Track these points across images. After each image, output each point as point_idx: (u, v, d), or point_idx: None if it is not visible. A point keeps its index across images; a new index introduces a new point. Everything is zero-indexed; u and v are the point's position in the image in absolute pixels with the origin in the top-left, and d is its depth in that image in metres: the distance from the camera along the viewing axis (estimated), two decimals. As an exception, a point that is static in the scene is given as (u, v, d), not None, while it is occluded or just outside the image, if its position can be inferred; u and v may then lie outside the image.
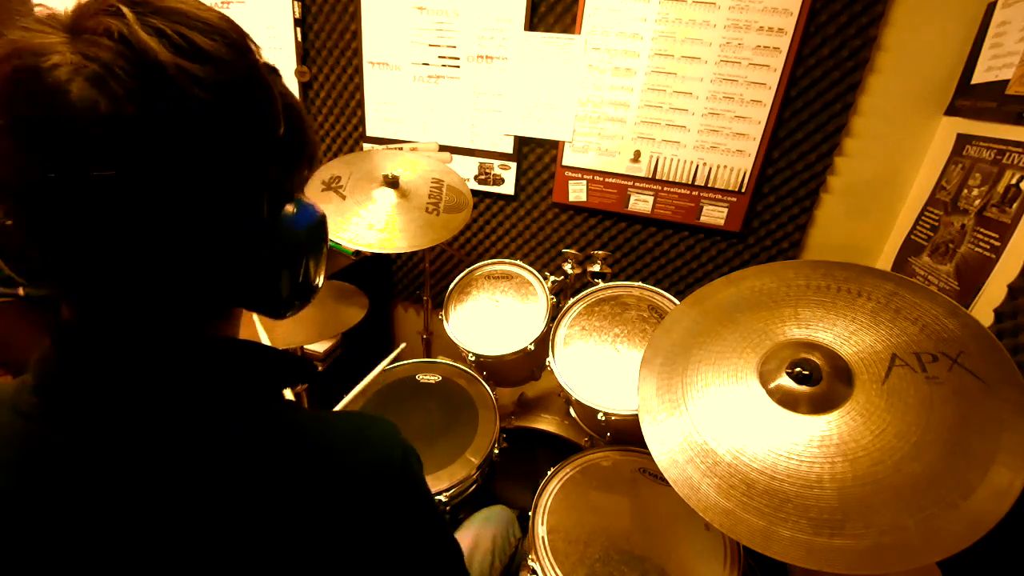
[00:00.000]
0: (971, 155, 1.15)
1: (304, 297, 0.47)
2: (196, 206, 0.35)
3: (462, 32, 1.61)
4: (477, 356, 1.31)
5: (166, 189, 0.33)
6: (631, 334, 1.21)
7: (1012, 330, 0.91)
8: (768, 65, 1.38)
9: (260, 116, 0.37)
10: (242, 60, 0.36)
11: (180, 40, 0.32)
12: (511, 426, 1.39)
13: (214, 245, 0.37)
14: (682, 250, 1.65)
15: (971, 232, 1.08)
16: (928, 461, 0.63)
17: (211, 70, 0.33)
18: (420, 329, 1.77)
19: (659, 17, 1.42)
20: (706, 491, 0.71)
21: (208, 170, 0.34)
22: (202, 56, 0.33)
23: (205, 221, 0.36)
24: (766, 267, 0.92)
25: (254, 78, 0.37)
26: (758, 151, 1.46)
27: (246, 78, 0.36)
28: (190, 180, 0.34)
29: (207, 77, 0.33)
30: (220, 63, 0.34)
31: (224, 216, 0.37)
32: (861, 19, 1.29)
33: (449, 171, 1.46)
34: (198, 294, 0.40)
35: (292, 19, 1.72)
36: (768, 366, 0.79)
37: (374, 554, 0.42)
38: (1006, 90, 1.07)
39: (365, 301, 1.31)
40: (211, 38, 0.34)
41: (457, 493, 1.12)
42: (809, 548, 0.62)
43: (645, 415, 0.84)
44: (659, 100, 1.50)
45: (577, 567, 0.94)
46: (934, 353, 0.70)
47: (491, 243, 1.86)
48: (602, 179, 1.63)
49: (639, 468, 1.07)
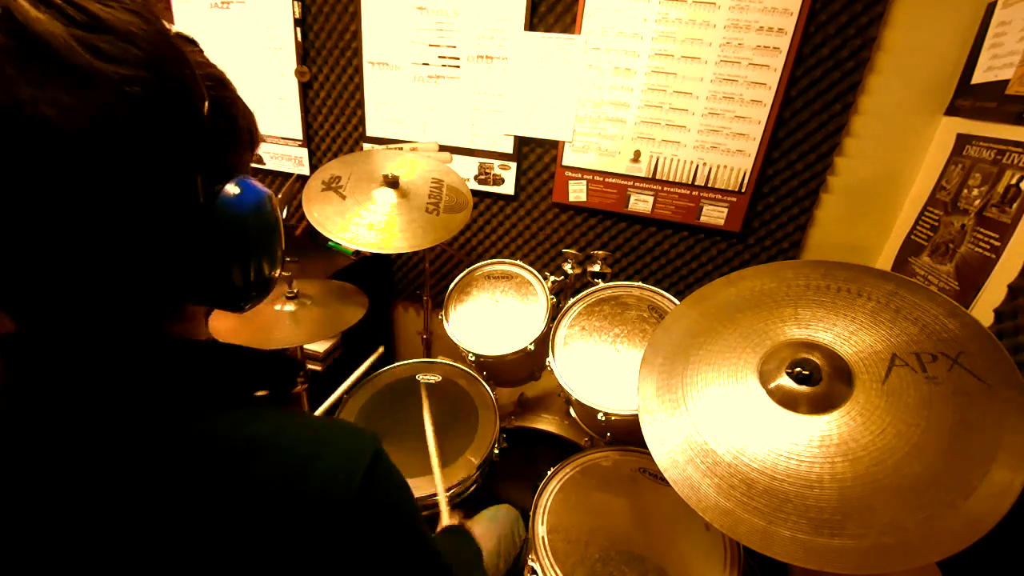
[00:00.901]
0: (971, 155, 1.15)
1: (259, 287, 0.43)
2: (113, 193, 0.31)
3: (462, 32, 1.61)
4: (477, 356, 1.31)
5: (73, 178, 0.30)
6: (631, 334, 1.21)
7: (1012, 330, 0.91)
8: (768, 65, 1.38)
9: (175, 90, 0.33)
10: (148, 28, 0.32)
11: (74, 11, 0.29)
12: (511, 426, 1.38)
13: (141, 234, 0.34)
14: (682, 250, 1.65)
15: (971, 232, 1.08)
16: (928, 461, 0.63)
17: (111, 39, 0.30)
18: (420, 329, 1.77)
19: (659, 17, 1.42)
20: (706, 491, 0.71)
21: (120, 153, 0.31)
22: (99, 26, 0.30)
23: (125, 209, 0.32)
24: (766, 267, 0.92)
25: (163, 48, 0.33)
26: (758, 151, 1.46)
27: (153, 48, 0.32)
28: (100, 165, 0.30)
29: (106, 48, 0.29)
30: (121, 33, 0.30)
31: (148, 202, 0.33)
32: (861, 19, 1.29)
33: (449, 171, 1.46)
34: (137, 291, 0.36)
35: (292, 19, 1.72)
36: (768, 366, 0.79)
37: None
38: (1006, 90, 1.07)
39: (365, 301, 1.31)
40: (108, 5, 0.30)
41: (457, 493, 1.12)
42: (809, 548, 0.62)
43: (645, 415, 0.84)
44: (659, 100, 1.50)
45: (577, 567, 0.94)
46: (934, 353, 0.70)
47: (491, 243, 1.86)
48: (602, 179, 1.63)
49: (639, 468, 1.07)
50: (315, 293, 1.29)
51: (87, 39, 0.29)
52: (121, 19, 0.30)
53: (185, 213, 0.35)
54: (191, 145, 0.35)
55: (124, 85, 0.30)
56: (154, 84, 0.31)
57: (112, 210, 0.32)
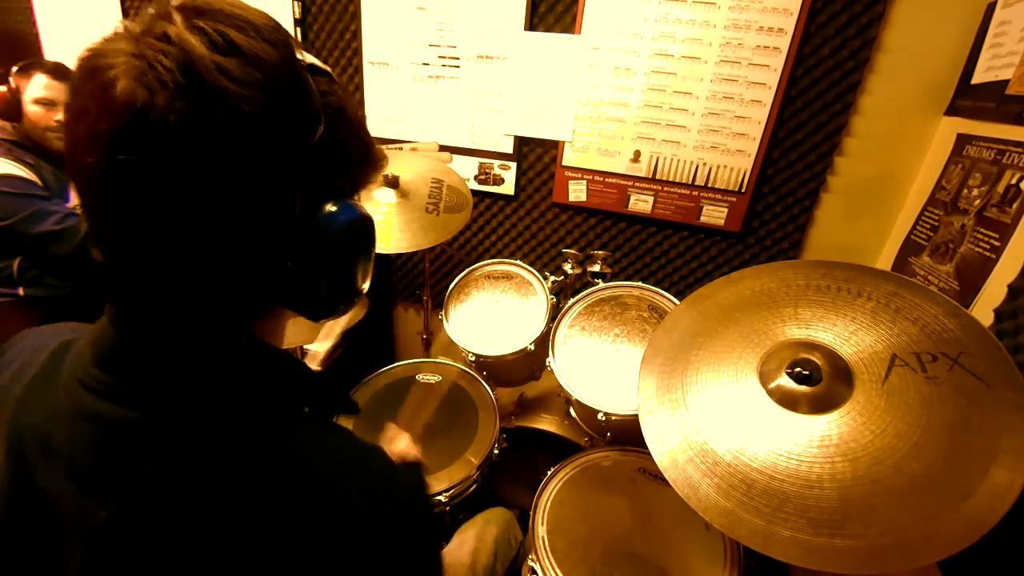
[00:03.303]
0: (971, 155, 1.15)
1: (345, 299, 0.46)
2: (220, 198, 0.36)
3: (462, 32, 1.61)
4: (477, 356, 1.31)
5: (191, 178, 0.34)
6: (631, 334, 1.21)
7: (1012, 330, 0.91)
8: (768, 65, 1.38)
9: (290, 112, 0.37)
10: (277, 56, 0.36)
11: (218, 37, 0.34)
12: (511, 426, 1.39)
13: (240, 240, 0.38)
14: (682, 250, 1.65)
15: (971, 232, 1.08)
16: (928, 461, 0.63)
17: (243, 63, 0.34)
18: (420, 329, 1.77)
19: (659, 17, 1.42)
20: (706, 491, 0.71)
21: (233, 161, 0.35)
22: (236, 51, 0.35)
23: (229, 214, 0.36)
24: (766, 267, 0.92)
25: (287, 74, 0.37)
26: (758, 151, 1.46)
27: (279, 73, 0.36)
28: (214, 170, 0.35)
29: (236, 70, 0.34)
30: (253, 58, 0.35)
31: (250, 211, 0.37)
32: (861, 19, 1.29)
33: (449, 171, 1.47)
34: (232, 290, 0.40)
35: (292, 19, 1.72)
36: (768, 366, 0.79)
37: None
38: (1006, 90, 1.07)
39: (365, 301, 1.31)
40: (248, 35, 0.35)
41: (457, 493, 1.12)
42: (809, 548, 0.62)
43: (645, 415, 0.84)
44: (659, 100, 1.50)
45: (577, 567, 0.93)
46: (934, 353, 0.70)
47: (491, 243, 1.86)
48: (602, 179, 1.63)
49: (639, 468, 1.07)
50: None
51: (222, 63, 0.34)
52: (254, 47, 0.35)
53: (282, 223, 0.39)
54: (294, 162, 0.38)
55: (242, 104, 0.34)
56: (268, 104, 0.35)
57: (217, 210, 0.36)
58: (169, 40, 0.33)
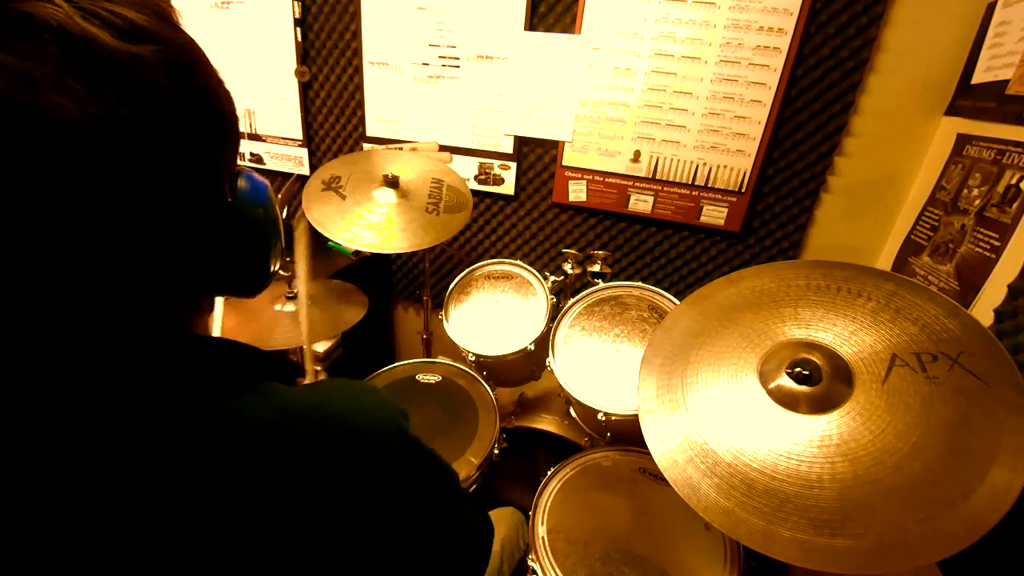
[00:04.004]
0: (971, 155, 1.15)
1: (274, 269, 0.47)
2: (163, 193, 0.33)
3: (462, 32, 1.61)
4: (477, 356, 1.31)
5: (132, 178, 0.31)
6: (631, 334, 1.21)
7: (1012, 330, 0.91)
8: (768, 65, 1.38)
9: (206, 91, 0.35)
10: (176, 32, 0.33)
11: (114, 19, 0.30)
12: (511, 426, 1.38)
13: (186, 228, 0.36)
14: (682, 250, 1.65)
15: (971, 232, 1.08)
16: (928, 461, 0.63)
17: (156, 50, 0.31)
18: (420, 329, 1.77)
19: (659, 17, 1.42)
20: (706, 491, 0.71)
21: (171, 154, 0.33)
22: (144, 35, 0.31)
23: (176, 207, 0.34)
24: (766, 267, 0.92)
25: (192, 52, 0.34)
26: (758, 151, 1.46)
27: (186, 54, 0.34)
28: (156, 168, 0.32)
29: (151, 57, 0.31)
30: (160, 39, 0.32)
31: (194, 197, 0.36)
32: (861, 19, 1.29)
33: (449, 171, 1.46)
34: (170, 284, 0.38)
35: (292, 19, 1.72)
36: (768, 366, 0.79)
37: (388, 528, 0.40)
38: (1006, 90, 1.07)
39: (365, 301, 1.31)
40: (141, 12, 0.31)
41: (457, 493, 1.12)
42: (809, 548, 0.62)
43: (645, 415, 0.84)
44: (659, 100, 1.50)
45: (577, 567, 0.94)
46: (934, 353, 0.70)
47: (491, 243, 1.86)
48: (602, 179, 1.63)
49: (639, 468, 1.07)
50: (315, 293, 1.29)
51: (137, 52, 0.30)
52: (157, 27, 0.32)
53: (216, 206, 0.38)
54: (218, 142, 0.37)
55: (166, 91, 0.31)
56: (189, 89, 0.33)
57: (161, 205, 0.34)
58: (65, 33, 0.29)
